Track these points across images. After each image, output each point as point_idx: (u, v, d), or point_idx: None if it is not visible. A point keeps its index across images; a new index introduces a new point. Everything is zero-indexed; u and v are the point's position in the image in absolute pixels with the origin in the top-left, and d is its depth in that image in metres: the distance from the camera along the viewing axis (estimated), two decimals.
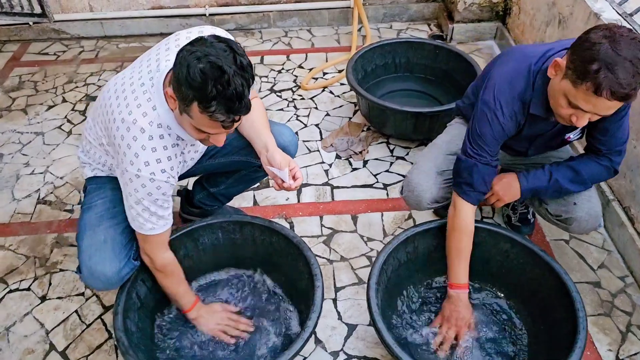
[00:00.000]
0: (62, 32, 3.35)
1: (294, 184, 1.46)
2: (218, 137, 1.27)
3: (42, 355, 1.71)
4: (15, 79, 3.03)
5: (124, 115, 1.31)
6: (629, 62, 1.18)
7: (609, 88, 1.19)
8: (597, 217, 1.62)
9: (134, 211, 1.40)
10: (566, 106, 1.31)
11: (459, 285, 1.59)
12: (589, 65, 1.20)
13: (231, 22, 3.37)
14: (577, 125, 1.33)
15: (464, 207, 1.56)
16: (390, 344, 1.40)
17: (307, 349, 1.69)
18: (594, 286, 1.86)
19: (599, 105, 1.24)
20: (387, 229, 2.08)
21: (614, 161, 1.54)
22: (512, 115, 1.46)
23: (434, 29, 3.36)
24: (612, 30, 1.21)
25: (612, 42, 1.19)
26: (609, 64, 1.18)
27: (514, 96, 1.44)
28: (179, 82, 1.15)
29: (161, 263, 1.51)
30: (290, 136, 1.69)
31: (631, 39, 1.20)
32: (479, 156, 1.50)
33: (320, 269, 1.59)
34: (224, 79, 1.11)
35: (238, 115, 1.18)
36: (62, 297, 1.88)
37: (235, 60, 1.13)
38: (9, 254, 2.03)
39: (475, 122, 1.51)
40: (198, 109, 1.15)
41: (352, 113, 2.68)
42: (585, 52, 1.21)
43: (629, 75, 1.18)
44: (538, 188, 1.60)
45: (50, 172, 2.40)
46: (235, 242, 1.78)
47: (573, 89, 1.25)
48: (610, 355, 1.67)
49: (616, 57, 1.18)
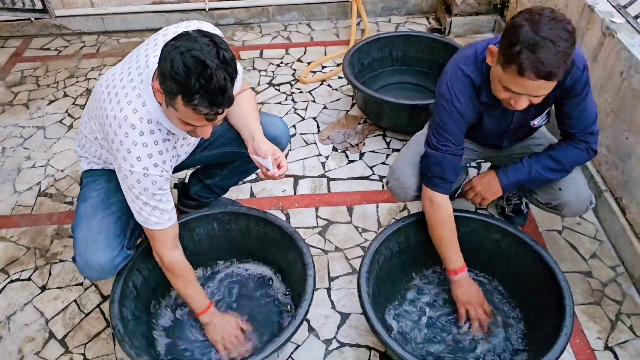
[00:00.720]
0: (63, 28, 3.38)
1: (278, 172, 1.49)
2: (204, 130, 1.30)
3: (41, 343, 1.75)
4: (18, 74, 3.07)
5: (115, 112, 1.34)
6: (550, 42, 1.21)
7: (531, 68, 1.23)
8: (586, 197, 1.64)
9: (136, 205, 1.43)
10: (502, 90, 1.35)
11: (459, 269, 1.62)
12: (512, 48, 1.24)
13: (230, 16, 3.39)
14: (517, 108, 1.36)
15: (440, 199, 1.59)
16: (379, 331, 1.42)
17: (300, 337, 1.72)
18: (585, 276, 1.88)
19: (528, 87, 1.28)
20: (382, 220, 2.11)
21: (589, 142, 1.55)
22: (468, 101, 1.50)
23: (433, 23, 3.37)
24: (533, 12, 1.24)
25: (532, 24, 1.22)
26: (530, 45, 1.21)
27: (466, 82, 1.48)
28: (163, 76, 1.18)
29: (168, 262, 1.51)
30: (282, 127, 1.72)
31: (551, 19, 1.22)
32: (445, 147, 1.53)
33: (313, 258, 1.61)
34: (207, 73, 1.13)
35: (221, 108, 1.20)
36: (62, 287, 1.92)
37: (218, 55, 1.16)
38: (10, 245, 2.08)
39: (435, 115, 1.55)
40: (182, 102, 1.18)
41: (349, 106, 2.70)
42: (510, 37, 1.26)
43: (551, 54, 1.21)
44: (519, 182, 1.62)
45: (51, 165, 2.44)
46: (231, 233, 1.81)
47: (503, 73, 1.30)
48: (599, 343, 1.69)
49: (536, 37, 1.21)
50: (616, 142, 1.94)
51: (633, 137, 1.84)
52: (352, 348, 1.69)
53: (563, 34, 1.22)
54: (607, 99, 1.98)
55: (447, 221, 1.60)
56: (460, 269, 1.62)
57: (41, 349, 1.73)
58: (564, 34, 1.22)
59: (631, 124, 1.84)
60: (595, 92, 2.05)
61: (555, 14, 1.24)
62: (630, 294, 1.82)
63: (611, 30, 1.94)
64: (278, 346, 1.40)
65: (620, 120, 1.91)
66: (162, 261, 1.53)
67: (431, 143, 1.57)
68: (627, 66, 1.84)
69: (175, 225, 1.51)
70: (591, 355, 1.66)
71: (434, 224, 1.61)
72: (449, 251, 1.62)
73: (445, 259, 1.64)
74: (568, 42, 1.22)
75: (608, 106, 1.98)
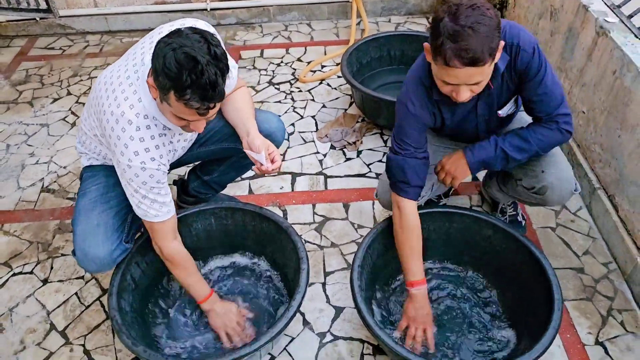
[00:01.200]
0: (67, 27, 3.44)
1: (271, 166, 1.52)
2: (197, 124, 1.33)
3: (43, 334, 1.79)
4: (23, 72, 3.12)
5: (112, 108, 1.38)
6: (469, 29, 1.22)
7: (455, 57, 1.24)
8: (569, 180, 1.62)
9: (135, 199, 1.47)
10: (442, 84, 1.37)
11: (417, 282, 1.57)
12: (436, 41, 1.26)
13: (232, 16, 3.43)
14: (460, 99, 1.36)
15: (406, 205, 1.57)
16: (370, 323, 1.46)
17: (295, 330, 1.75)
18: (577, 272, 1.90)
19: (459, 75, 1.29)
20: (377, 217, 2.14)
21: (561, 122, 1.52)
22: (422, 104, 1.51)
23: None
24: (452, 3, 1.26)
25: (451, 15, 1.24)
26: (451, 35, 1.23)
27: (418, 85, 1.50)
28: (156, 72, 1.22)
29: (168, 252, 1.56)
30: (277, 123, 1.75)
31: (469, 7, 1.24)
32: (404, 150, 1.53)
33: (307, 252, 1.65)
34: (198, 68, 1.17)
35: (212, 102, 1.23)
36: (63, 280, 1.96)
37: (209, 51, 1.19)
38: (14, 240, 2.12)
39: (395, 119, 1.56)
40: (174, 97, 1.22)
41: (347, 105, 2.73)
42: (433, 30, 1.27)
43: (472, 40, 1.22)
44: (485, 160, 1.60)
45: (54, 161, 2.48)
46: (228, 228, 1.85)
47: (435, 66, 1.32)
48: (590, 338, 1.71)
49: (455, 26, 1.23)
50: (609, 140, 1.96)
51: (625, 135, 1.86)
52: (345, 341, 1.72)
53: (481, 19, 1.23)
54: (600, 98, 2.01)
55: (412, 231, 1.58)
56: (418, 282, 1.57)
57: (42, 340, 1.77)
58: (482, 19, 1.23)
59: (623, 122, 1.87)
60: (589, 91, 2.08)
61: (474, 1, 1.25)
62: (622, 290, 1.84)
63: (605, 29, 1.97)
64: (271, 337, 1.44)
65: (612, 119, 1.93)
66: (162, 252, 1.56)
67: (392, 147, 1.58)
68: (619, 65, 1.87)
69: (174, 217, 1.55)
70: (582, 350, 1.68)
71: (399, 231, 1.59)
72: (410, 261, 1.58)
73: (405, 269, 1.59)
74: (488, 27, 1.23)
75: (601, 104, 2.00)
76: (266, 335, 1.44)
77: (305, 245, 2.02)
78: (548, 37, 2.47)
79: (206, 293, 1.63)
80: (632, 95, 1.80)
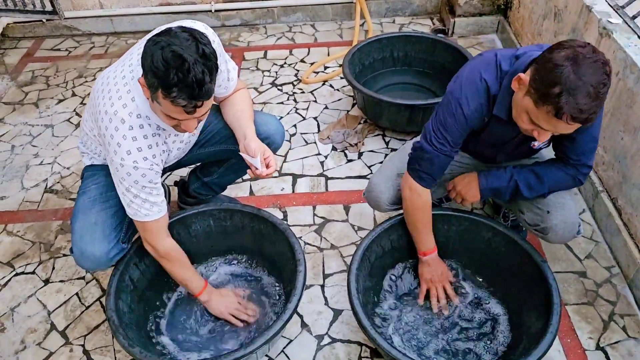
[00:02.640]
0: (73, 29, 3.46)
1: (266, 171, 1.52)
2: (188, 123, 1.32)
3: (43, 334, 1.81)
4: (29, 73, 3.15)
5: (107, 108, 1.39)
6: (591, 87, 1.16)
7: (570, 113, 1.18)
8: (573, 225, 1.58)
9: (126, 198, 1.48)
10: (527, 122, 1.30)
11: (429, 250, 1.68)
12: (550, 88, 1.18)
13: (236, 17, 3.44)
14: (539, 140, 1.33)
15: (420, 189, 1.58)
16: (367, 326, 1.45)
17: (292, 332, 1.75)
18: (579, 276, 1.88)
19: (559, 127, 1.24)
20: (378, 219, 2.13)
21: (580, 172, 1.51)
22: (477, 107, 1.44)
23: (437, 23, 3.38)
24: (576, 51, 1.18)
25: (575, 65, 1.17)
26: (570, 89, 1.16)
27: (481, 87, 1.42)
28: (145, 71, 1.22)
29: (163, 250, 1.57)
30: (276, 125, 1.75)
31: (594, 62, 1.17)
32: (442, 145, 1.49)
33: (304, 254, 1.65)
34: (185, 67, 1.17)
35: (199, 100, 1.23)
36: (64, 280, 1.97)
37: (197, 49, 1.19)
38: (17, 240, 2.14)
39: (440, 111, 1.50)
40: (162, 95, 1.22)
41: (350, 106, 2.73)
42: (548, 74, 1.19)
43: (590, 100, 1.17)
44: (497, 188, 1.59)
45: (58, 162, 2.50)
46: (227, 230, 1.85)
47: (535, 108, 1.25)
48: (591, 343, 1.69)
49: (578, 81, 1.16)
50: (612, 143, 1.94)
51: (628, 138, 1.84)
52: (343, 344, 1.72)
53: (604, 79, 1.17)
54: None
55: (424, 207, 1.62)
56: (430, 251, 1.67)
57: (43, 340, 1.79)
58: (604, 78, 1.17)
59: (626, 124, 1.84)
60: None
61: (598, 55, 1.18)
62: (625, 295, 1.82)
63: (608, 30, 1.94)
64: (267, 339, 1.43)
65: (615, 121, 1.91)
66: (156, 250, 1.58)
67: (428, 138, 1.52)
68: (622, 66, 1.84)
69: (166, 217, 1.56)
70: (582, 355, 1.66)
71: (411, 210, 1.63)
72: (422, 235, 1.66)
73: (417, 242, 1.68)
74: (606, 87, 1.18)
75: (604, 106, 1.98)
76: (262, 337, 1.44)
77: (305, 247, 2.03)
78: (552, 38, 2.45)
79: (202, 285, 1.67)
80: (636, 97, 1.78)
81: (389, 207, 1.73)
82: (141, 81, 1.29)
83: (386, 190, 1.70)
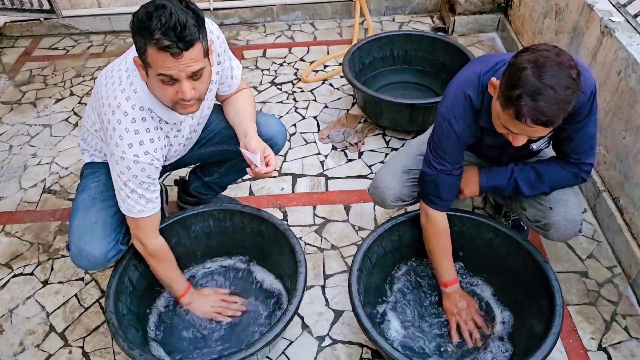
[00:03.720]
0: (71, 28, 3.44)
1: (265, 169, 1.50)
2: (182, 87, 1.28)
3: (42, 336, 1.79)
4: (26, 73, 3.13)
5: (110, 100, 1.38)
6: (551, 90, 1.16)
7: (530, 116, 1.18)
8: (575, 222, 1.58)
9: (123, 193, 1.47)
10: (501, 126, 1.31)
11: (450, 281, 1.64)
12: (512, 91, 1.19)
13: (235, 16, 3.42)
14: (515, 144, 1.32)
15: (436, 215, 1.59)
16: (368, 327, 1.44)
17: (293, 334, 1.74)
18: (581, 276, 1.87)
19: (525, 130, 1.24)
20: (378, 219, 2.12)
21: (582, 169, 1.50)
22: (466, 125, 1.46)
23: (437, 22, 3.36)
24: (539, 55, 1.18)
25: (536, 68, 1.16)
26: (530, 92, 1.16)
27: (466, 105, 1.44)
28: (133, 34, 1.23)
29: (153, 248, 1.57)
30: (278, 127, 1.74)
31: (556, 64, 1.16)
32: (441, 166, 1.51)
33: (305, 255, 1.63)
34: (167, 11, 1.17)
35: (184, 41, 1.20)
36: (63, 281, 1.96)
37: (180, 2, 1.21)
38: (15, 241, 2.13)
39: (434, 133, 1.53)
40: (149, 47, 1.21)
41: (350, 105, 2.72)
42: (511, 77, 1.20)
43: (551, 103, 1.16)
44: (497, 186, 1.59)
45: (56, 162, 2.49)
46: (227, 230, 1.84)
47: (502, 112, 1.25)
48: (593, 344, 1.68)
49: (538, 84, 1.16)
50: (614, 142, 1.93)
51: (630, 137, 1.83)
52: (344, 345, 1.71)
53: (566, 81, 1.16)
54: (605, 98, 1.97)
55: (441, 235, 1.61)
56: (451, 282, 1.64)
57: (41, 342, 1.77)
58: (567, 82, 1.16)
59: (628, 123, 1.83)
60: None
61: (562, 58, 1.18)
62: (627, 295, 1.81)
63: (610, 29, 1.93)
64: (268, 341, 1.42)
65: (617, 120, 1.90)
66: (145, 247, 1.56)
67: (428, 161, 1.55)
68: (624, 65, 1.83)
69: (158, 214, 1.55)
70: (584, 356, 1.65)
71: (429, 237, 1.63)
72: (441, 264, 1.64)
73: (437, 271, 1.66)
74: (570, 90, 1.17)
75: (606, 105, 1.97)
76: (263, 339, 1.43)
77: (305, 247, 2.02)
78: (553, 37, 2.44)
79: (185, 287, 1.67)
80: (638, 96, 1.77)
81: (394, 204, 1.72)
82: (136, 60, 1.28)
83: (392, 186, 1.69)
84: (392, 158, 1.79)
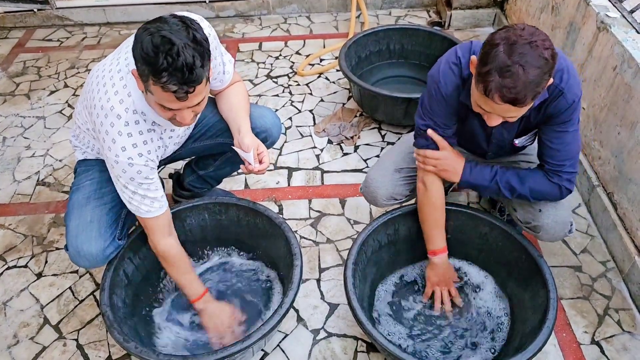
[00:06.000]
0: (65, 19, 3.41)
1: (258, 167, 1.50)
2: (182, 114, 1.28)
3: (36, 328, 1.79)
4: (20, 64, 3.10)
5: (103, 102, 1.36)
6: (520, 67, 1.15)
7: (497, 92, 1.18)
8: (565, 224, 1.58)
9: (125, 195, 1.46)
10: (475, 105, 1.32)
11: (439, 250, 1.65)
12: (483, 67, 1.19)
13: (231, 8, 3.40)
14: (489, 124, 1.32)
15: (433, 183, 1.59)
16: (363, 320, 1.44)
17: (288, 327, 1.74)
18: (575, 270, 1.89)
19: (496, 108, 1.24)
20: (374, 213, 2.12)
21: (562, 178, 1.47)
22: (453, 87, 1.43)
23: (433, 16, 3.36)
24: (511, 32, 1.17)
25: (507, 45, 1.16)
26: (498, 68, 1.16)
27: (455, 69, 1.42)
28: (135, 59, 1.20)
29: (161, 249, 1.54)
30: (272, 119, 1.73)
31: (528, 43, 1.16)
32: (432, 122, 1.51)
33: (300, 248, 1.63)
34: (174, 50, 1.14)
35: (190, 86, 1.19)
36: (57, 274, 1.95)
37: (187, 34, 1.16)
38: (8, 233, 2.12)
39: (423, 95, 1.53)
40: (152, 82, 1.19)
41: (346, 99, 2.71)
42: (484, 54, 1.20)
43: (518, 81, 1.16)
44: (477, 185, 1.58)
45: (50, 155, 2.47)
46: (222, 223, 1.83)
47: (475, 89, 1.26)
48: (586, 337, 1.70)
49: (507, 60, 1.15)
50: (609, 137, 1.94)
51: (625, 132, 1.83)
52: (339, 338, 1.71)
53: (536, 61, 1.15)
54: (600, 94, 1.98)
55: (436, 203, 1.61)
56: (440, 251, 1.65)
57: (36, 334, 1.77)
58: (537, 61, 1.15)
59: (623, 118, 1.84)
60: (589, 87, 2.05)
61: (535, 38, 1.16)
62: (620, 289, 1.83)
63: (605, 24, 1.93)
64: (263, 334, 1.42)
65: (612, 115, 1.91)
66: (155, 248, 1.55)
67: (418, 123, 1.54)
68: (620, 61, 1.84)
69: (168, 212, 1.53)
70: (577, 349, 1.67)
71: (423, 204, 1.62)
72: (432, 231, 1.64)
73: (428, 238, 1.66)
74: (540, 70, 1.16)
75: (602, 101, 1.97)
76: (258, 332, 1.43)
77: (301, 241, 2.02)
78: (549, 32, 2.44)
79: (199, 292, 1.61)
80: (633, 92, 1.77)
81: (386, 202, 1.72)
82: (134, 72, 1.26)
83: (383, 186, 1.69)
84: (383, 156, 1.79)
